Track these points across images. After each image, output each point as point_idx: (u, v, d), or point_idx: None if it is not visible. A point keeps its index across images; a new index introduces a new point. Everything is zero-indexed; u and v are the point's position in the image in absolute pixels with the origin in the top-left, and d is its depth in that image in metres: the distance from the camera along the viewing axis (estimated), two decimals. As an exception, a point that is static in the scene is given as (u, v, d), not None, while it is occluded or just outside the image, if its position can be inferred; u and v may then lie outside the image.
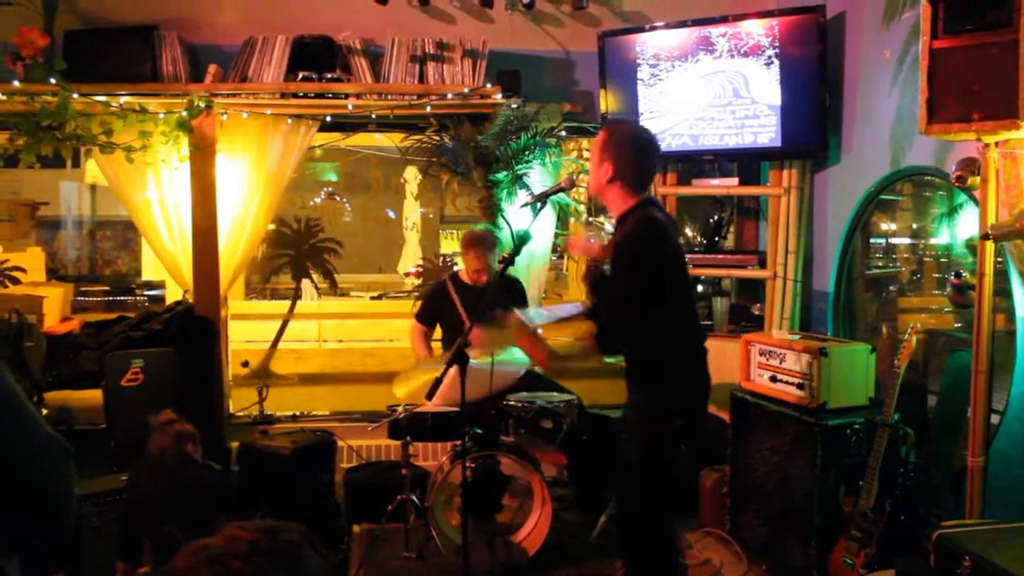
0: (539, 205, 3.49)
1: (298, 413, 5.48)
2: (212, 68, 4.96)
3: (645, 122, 5.07)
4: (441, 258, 10.67)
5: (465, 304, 4.54)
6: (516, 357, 3.84)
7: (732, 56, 4.77)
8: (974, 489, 3.12)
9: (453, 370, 3.07)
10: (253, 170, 5.09)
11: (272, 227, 7.83)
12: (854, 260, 4.66)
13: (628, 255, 2.99)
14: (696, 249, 5.62)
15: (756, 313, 5.16)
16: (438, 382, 3.13)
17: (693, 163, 5.25)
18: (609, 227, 3.60)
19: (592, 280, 3.20)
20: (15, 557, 1.63)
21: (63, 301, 5.87)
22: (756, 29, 4.67)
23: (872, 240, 4.93)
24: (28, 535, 1.60)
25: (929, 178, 4.15)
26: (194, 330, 4.82)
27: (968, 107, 2.91)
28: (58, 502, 1.61)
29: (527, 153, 5.04)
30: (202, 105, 4.82)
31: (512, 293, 4.61)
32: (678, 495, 3.43)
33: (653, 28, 5.02)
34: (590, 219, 3.23)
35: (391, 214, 13.13)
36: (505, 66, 5.18)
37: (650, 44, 4.99)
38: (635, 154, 3.08)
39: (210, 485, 3.60)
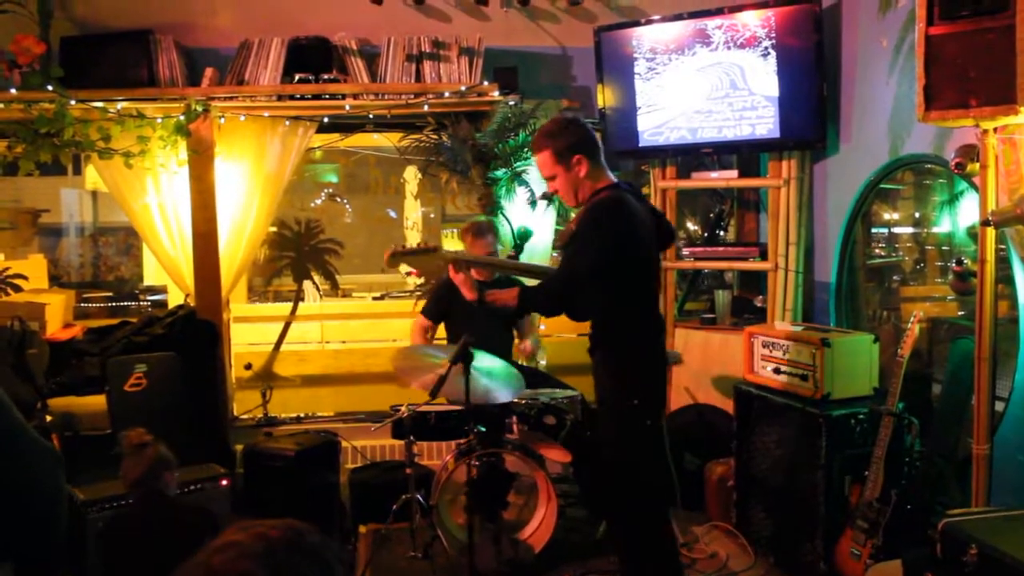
0: (544, 202, 3.52)
1: (302, 415, 5.48)
2: (208, 71, 4.96)
3: (643, 116, 5.06)
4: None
5: (465, 304, 4.51)
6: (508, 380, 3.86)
7: (729, 48, 4.75)
8: (979, 477, 3.11)
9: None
10: (252, 172, 5.09)
11: (273, 229, 7.83)
12: (855, 250, 4.65)
13: (582, 224, 3.11)
14: (697, 242, 5.61)
15: (758, 305, 5.15)
16: (443, 380, 3.14)
17: (692, 156, 5.24)
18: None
19: (562, 243, 3.36)
20: (8, 564, 1.63)
21: (65, 307, 5.88)
22: (752, 20, 4.66)
23: (873, 229, 4.92)
24: (18, 540, 1.60)
25: (929, 166, 4.13)
26: (196, 334, 4.82)
27: (966, 93, 2.90)
28: (48, 508, 1.60)
29: (525, 150, 5.03)
30: (199, 109, 4.82)
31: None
32: (664, 483, 3.60)
33: (649, 22, 5.00)
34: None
35: (392, 214, 13.11)
36: (502, 63, 5.17)
37: (646, 38, 4.98)
38: (590, 137, 3.21)
39: (191, 529, 2.90)
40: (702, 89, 4.89)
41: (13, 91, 4.61)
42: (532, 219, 5.01)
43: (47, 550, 1.64)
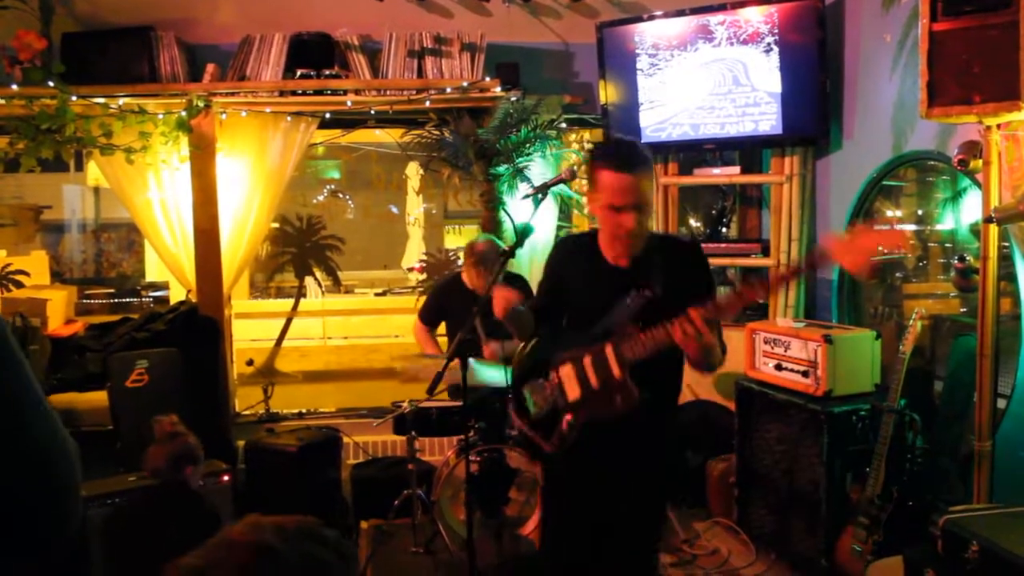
0: (540, 197, 3.48)
1: (304, 411, 5.49)
2: (210, 67, 4.95)
3: (645, 112, 5.05)
4: (445, 253, 10.65)
5: (462, 306, 4.47)
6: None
7: (731, 44, 4.74)
8: (981, 474, 3.12)
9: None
10: (253, 168, 5.09)
11: (275, 225, 7.83)
12: (858, 247, 4.63)
13: (704, 265, 2.75)
14: (699, 238, 5.59)
15: (760, 301, 5.14)
16: (439, 376, 3.13)
17: (694, 152, 5.23)
18: None
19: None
20: None
21: (67, 304, 5.89)
22: (755, 16, 4.65)
23: (876, 227, 4.90)
24: (32, 530, 1.60)
25: (932, 163, 4.12)
26: (198, 330, 4.83)
27: (969, 90, 2.90)
28: (66, 497, 1.60)
29: (528, 146, 5.03)
30: (201, 105, 4.81)
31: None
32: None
33: (652, 17, 4.99)
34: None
35: (394, 210, 13.12)
36: (504, 59, 5.16)
37: (649, 34, 4.97)
38: None
39: (200, 524, 2.82)
40: (705, 85, 4.88)
41: (15, 87, 4.60)
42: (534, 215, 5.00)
43: (58, 532, 1.64)
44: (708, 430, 4.73)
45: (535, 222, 3.21)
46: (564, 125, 5.26)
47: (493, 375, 3.87)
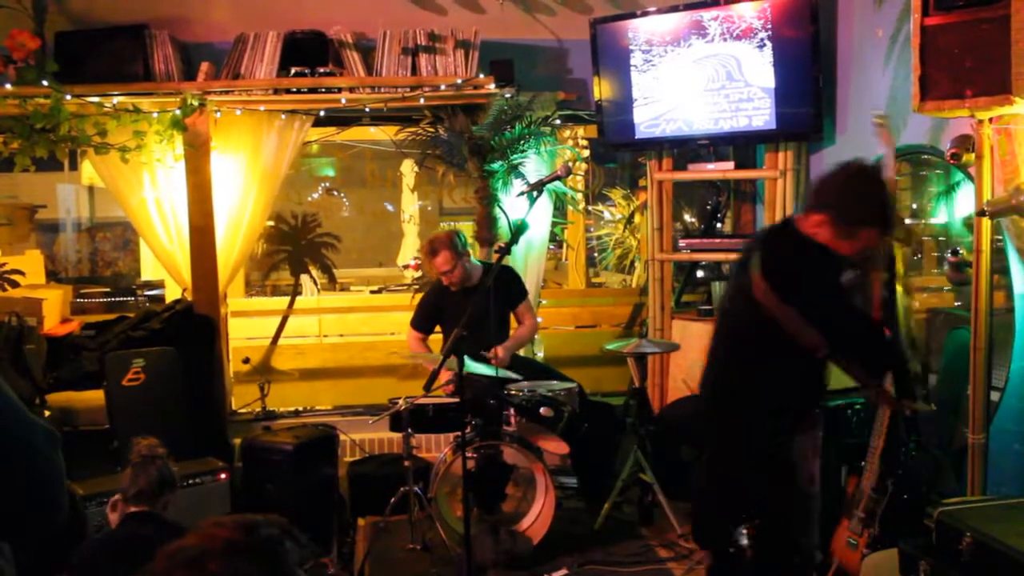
0: (535, 194, 3.49)
1: (300, 408, 5.49)
2: (204, 66, 4.95)
3: (639, 108, 5.05)
4: (440, 250, 10.66)
5: (455, 308, 4.43)
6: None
7: (725, 40, 4.75)
8: (975, 466, 3.13)
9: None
10: (248, 167, 5.08)
11: (270, 223, 7.82)
12: (852, 241, 4.65)
13: None
14: (694, 234, 5.61)
15: (755, 296, 5.14)
16: (435, 374, 3.14)
17: (688, 148, 5.24)
18: None
19: None
20: (5, 544, 1.64)
21: (63, 303, 5.86)
22: (748, 12, 4.66)
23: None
24: (18, 521, 1.61)
25: (925, 157, 4.14)
26: (194, 328, 4.83)
27: (961, 84, 2.91)
28: (46, 487, 1.61)
29: (522, 142, 5.03)
30: (195, 103, 4.81)
31: (500, 287, 4.41)
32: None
33: (645, 13, 5.00)
34: None
35: (389, 207, 13.10)
36: (498, 56, 5.16)
37: (642, 30, 4.97)
38: None
39: None
40: (698, 81, 4.89)
41: (8, 86, 4.59)
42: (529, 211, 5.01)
43: (47, 528, 1.64)
44: (704, 424, 4.73)
45: (530, 219, 3.23)
46: (558, 122, 5.27)
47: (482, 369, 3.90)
